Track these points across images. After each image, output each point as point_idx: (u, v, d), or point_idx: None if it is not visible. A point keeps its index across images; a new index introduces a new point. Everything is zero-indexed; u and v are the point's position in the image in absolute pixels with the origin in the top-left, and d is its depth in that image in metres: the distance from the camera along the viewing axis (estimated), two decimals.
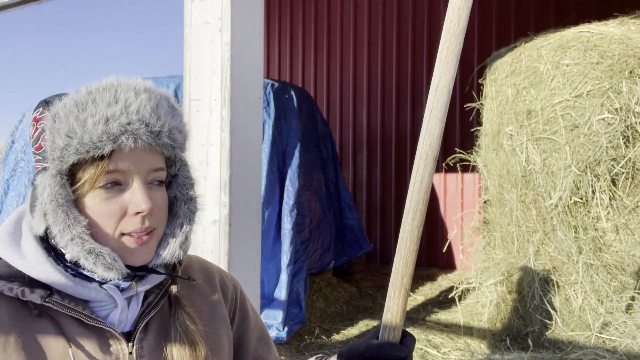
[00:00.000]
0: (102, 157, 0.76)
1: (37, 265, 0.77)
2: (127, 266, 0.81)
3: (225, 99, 2.59)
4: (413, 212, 0.86)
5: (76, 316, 0.77)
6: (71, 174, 0.78)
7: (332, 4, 7.38)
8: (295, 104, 4.25)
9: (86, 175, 0.77)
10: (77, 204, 0.79)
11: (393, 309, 0.88)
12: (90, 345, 0.77)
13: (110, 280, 0.80)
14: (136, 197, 0.78)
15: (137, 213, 0.78)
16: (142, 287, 0.83)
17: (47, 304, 0.76)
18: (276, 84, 4.18)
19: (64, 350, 0.75)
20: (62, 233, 0.76)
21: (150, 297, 0.85)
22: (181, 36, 2.75)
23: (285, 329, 3.62)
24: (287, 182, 4.00)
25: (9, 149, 4.52)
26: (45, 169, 0.79)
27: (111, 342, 0.79)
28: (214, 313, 0.93)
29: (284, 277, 3.76)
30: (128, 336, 0.82)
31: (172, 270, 0.89)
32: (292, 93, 4.30)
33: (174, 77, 4.06)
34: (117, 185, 0.79)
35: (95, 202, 0.78)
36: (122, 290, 0.82)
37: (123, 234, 0.79)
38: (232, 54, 2.59)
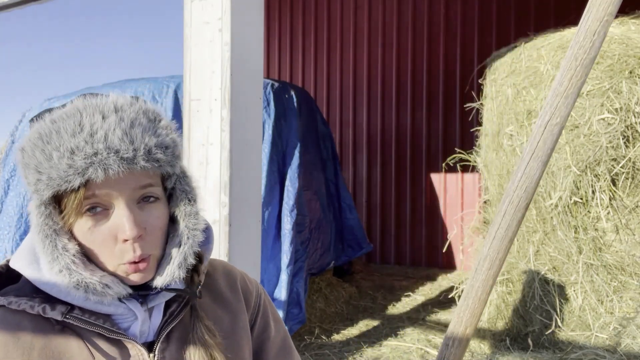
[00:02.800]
0: (77, 189, 0.73)
1: (55, 284, 0.76)
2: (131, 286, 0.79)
3: (225, 99, 2.59)
4: (491, 260, 0.78)
5: (97, 330, 0.76)
6: (58, 202, 0.76)
7: (332, 4, 7.38)
8: (295, 104, 4.25)
9: (68, 204, 0.74)
10: (69, 230, 0.76)
11: (449, 358, 0.81)
12: (113, 358, 0.77)
13: (124, 296, 0.79)
14: (121, 222, 0.74)
15: (125, 240, 0.75)
16: (153, 303, 0.82)
17: (68, 320, 0.75)
18: (276, 84, 4.18)
19: None
20: (51, 264, 0.74)
21: (172, 306, 0.83)
22: (181, 36, 2.75)
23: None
24: (287, 182, 3.99)
25: (9, 149, 4.52)
26: (32, 198, 0.77)
27: (132, 352, 0.78)
28: (235, 322, 0.91)
29: (284, 277, 3.76)
30: (151, 346, 0.80)
31: (190, 279, 0.85)
32: (292, 93, 4.30)
33: (174, 77, 4.06)
34: (102, 210, 0.75)
35: (83, 230, 0.75)
36: (141, 302, 0.81)
37: (120, 264, 0.76)
38: (232, 54, 2.59)
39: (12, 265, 0.80)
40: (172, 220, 0.83)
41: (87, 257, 0.77)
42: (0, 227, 4.21)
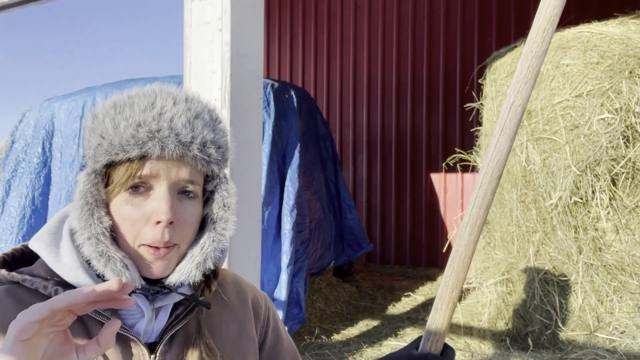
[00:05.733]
0: (132, 160, 0.76)
1: (70, 270, 0.78)
2: (146, 279, 0.80)
3: (225, 99, 2.59)
4: (471, 227, 0.86)
5: (103, 321, 0.78)
6: (108, 175, 0.79)
7: (332, 4, 7.38)
8: (295, 104, 4.25)
9: (116, 177, 0.77)
10: (107, 205, 0.79)
11: (438, 321, 0.88)
12: (114, 351, 0.78)
13: (133, 292, 0.79)
14: (159, 204, 0.76)
15: (157, 222, 0.76)
16: (162, 303, 0.82)
17: None
18: (276, 84, 4.18)
19: None
20: (82, 230, 0.77)
21: (178, 309, 0.84)
22: (181, 36, 2.75)
23: (286, 329, 3.62)
24: (287, 182, 4.00)
25: (9, 149, 4.52)
26: (84, 167, 0.81)
27: (134, 351, 0.79)
28: (241, 332, 0.92)
29: (284, 277, 3.76)
30: (153, 347, 0.81)
31: (201, 291, 0.86)
32: (292, 93, 4.30)
33: (174, 77, 4.06)
34: (143, 191, 0.78)
35: (120, 204, 0.78)
36: (150, 300, 0.82)
37: (142, 245, 0.78)
38: (232, 54, 2.59)
39: (30, 246, 0.82)
40: (202, 224, 0.85)
41: (114, 238, 0.79)
42: (2, 227, 4.21)
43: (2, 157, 4.59)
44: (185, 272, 0.80)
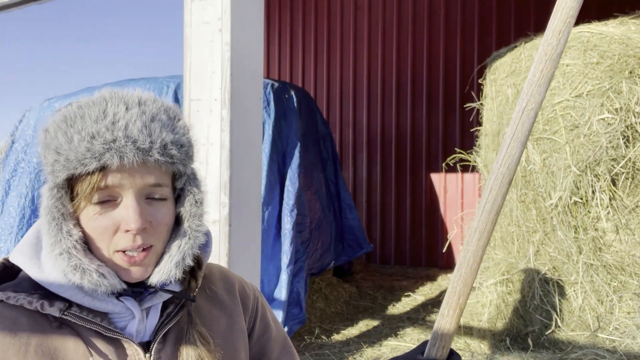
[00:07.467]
0: (93, 173, 0.75)
1: (55, 279, 0.77)
2: (128, 282, 0.80)
3: (225, 99, 2.59)
4: (480, 232, 0.85)
5: (94, 328, 0.77)
6: (71, 187, 0.77)
7: (332, 4, 7.38)
8: (295, 104, 4.25)
9: (80, 190, 0.76)
10: (76, 217, 0.78)
11: (444, 327, 0.87)
12: (109, 355, 0.77)
13: (120, 295, 0.80)
14: (127, 214, 0.76)
15: (127, 231, 0.76)
16: (150, 303, 0.82)
17: (66, 317, 0.76)
18: (276, 84, 4.18)
19: (84, 359, 0.76)
20: (53, 247, 0.76)
21: (169, 307, 0.84)
22: (181, 36, 2.75)
23: (286, 328, 3.62)
24: (287, 182, 3.99)
25: (9, 149, 4.51)
26: (46, 180, 0.79)
27: (129, 352, 0.79)
28: (232, 324, 0.92)
29: (284, 277, 3.76)
30: (147, 346, 0.81)
31: (187, 283, 0.86)
32: (292, 93, 4.30)
33: (174, 77, 4.06)
34: (110, 201, 0.77)
35: (89, 217, 0.77)
36: (139, 301, 0.82)
37: (116, 251, 0.77)
38: (232, 54, 2.59)
39: (11, 259, 0.81)
40: (177, 221, 0.85)
41: (88, 247, 0.78)
42: (2, 227, 4.20)
43: (2, 157, 4.59)
44: (165, 272, 0.80)
